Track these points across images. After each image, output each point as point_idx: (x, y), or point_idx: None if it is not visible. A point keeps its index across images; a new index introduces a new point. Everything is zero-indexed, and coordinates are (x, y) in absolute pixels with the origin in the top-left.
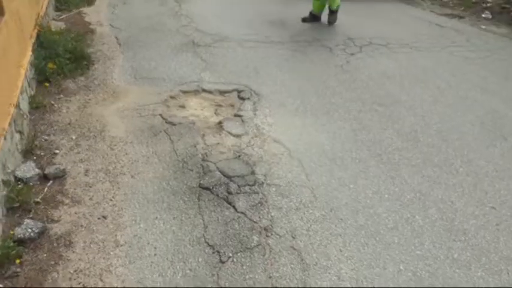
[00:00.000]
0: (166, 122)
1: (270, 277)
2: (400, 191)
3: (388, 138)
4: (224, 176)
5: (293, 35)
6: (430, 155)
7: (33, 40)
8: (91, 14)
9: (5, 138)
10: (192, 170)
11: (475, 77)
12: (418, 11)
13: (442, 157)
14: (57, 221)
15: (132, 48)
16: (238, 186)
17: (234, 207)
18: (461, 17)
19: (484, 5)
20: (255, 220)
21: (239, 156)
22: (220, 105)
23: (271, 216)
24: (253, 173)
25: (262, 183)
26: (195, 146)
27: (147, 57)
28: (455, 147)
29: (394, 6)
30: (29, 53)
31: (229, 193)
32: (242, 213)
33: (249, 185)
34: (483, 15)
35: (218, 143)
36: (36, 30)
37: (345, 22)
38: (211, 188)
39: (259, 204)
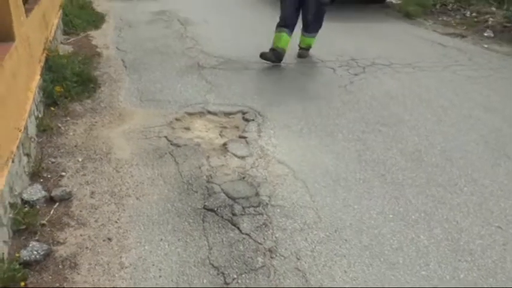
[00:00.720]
0: (171, 144)
1: None
2: (404, 211)
3: (391, 159)
4: (229, 197)
5: (297, 56)
6: (434, 175)
7: (41, 64)
8: (98, 37)
9: (13, 161)
10: (196, 192)
11: (478, 95)
12: (420, 30)
13: (446, 177)
14: (63, 243)
15: (137, 71)
16: (243, 207)
17: (238, 228)
18: (463, 36)
19: (486, 24)
20: (259, 241)
21: (243, 177)
22: (225, 127)
23: (276, 237)
24: (257, 194)
25: (267, 204)
26: (199, 168)
27: (153, 80)
28: (460, 167)
29: (397, 26)
30: (38, 76)
31: (234, 214)
32: (247, 234)
33: (253, 206)
34: (485, 34)
35: (223, 165)
36: (44, 54)
37: (348, 43)
38: (215, 209)
39: (264, 226)
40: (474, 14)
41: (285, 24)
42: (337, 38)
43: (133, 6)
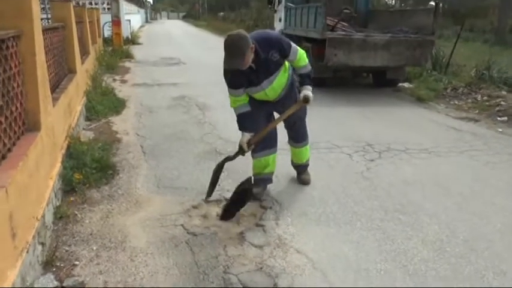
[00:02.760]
0: (187, 233)
1: None
2: None
3: (413, 248)
4: None
5: (313, 142)
6: (459, 266)
7: (63, 151)
8: (118, 123)
9: (27, 252)
10: (213, 283)
11: (498, 182)
12: (433, 114)
13: (472, 268)
14: None
15: (156, 157)
16: None
17: None
18: (477, 120)
19: (498, 107)
20: None
21: (261, 268)
22: (242, 215)
23: None
24: (275, 285)
25: None
26: (216, 258)
27: (170, 166)
28: (486, 258)
29: (410, 110)
30: (59, 164)
31: None
32: None
33: None
34: (498, 118)
35: (240, 255)
36: (66, 142)
37: (362, 127)
38: None
39: None
40: (485, 98)
41: (264, 146)
42: (351, 122)
43: (154, 91)
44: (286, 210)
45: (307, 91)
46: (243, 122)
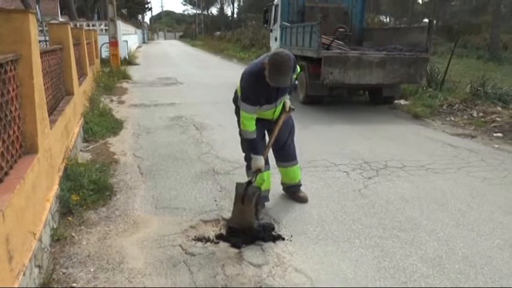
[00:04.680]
0: (186, 253)
1: None
2: None
3: (412, 265)
4: None
5: (310, 161)
6: (459, 282)
7: (60, 173)
8: (116, 144)
9: (23, 274)
10: None
11: (496, 198)
12: (430, 131)
13: (472, 284)
14: None
15: (153, 178)
16: None
17: None
18: (473, 137)
19: (493, 123)
20: None
21: (260, 287)
22: None
23: None
24: None
25: None
26: (214, 277)
27: (168, 186)
28: (485, 274)
29: (407, 127)
30: (56, 186)
31: None
32: None
33: None
34: (494, 134)
35: (238, 274)
36: (64, 164)
37: (360, 145)
38: None
39: None
40: (481, 114)
41: None
42: (349, 140)
43: (151, 112)
44: (285, 229)
45: (289, 101)
46: (257, 146)
